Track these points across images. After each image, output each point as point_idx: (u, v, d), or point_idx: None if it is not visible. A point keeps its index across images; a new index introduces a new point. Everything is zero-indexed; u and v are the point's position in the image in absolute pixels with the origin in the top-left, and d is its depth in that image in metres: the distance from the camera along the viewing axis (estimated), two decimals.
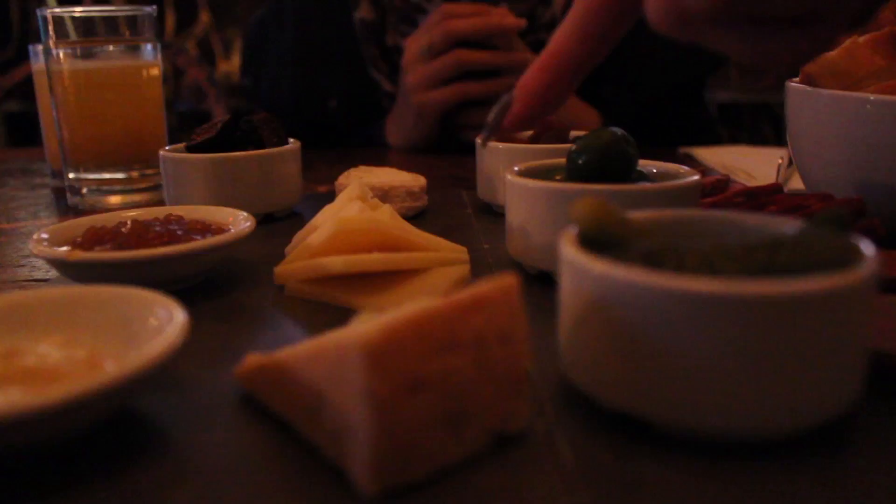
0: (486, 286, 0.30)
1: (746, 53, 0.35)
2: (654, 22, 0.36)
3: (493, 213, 0.72)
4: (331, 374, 0.29)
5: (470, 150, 0.81)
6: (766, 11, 0.32)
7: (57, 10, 0.79)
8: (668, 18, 0.34)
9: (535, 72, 0.42)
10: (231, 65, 3.63)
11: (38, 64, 0.95)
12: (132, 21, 0.83)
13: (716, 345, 0.28)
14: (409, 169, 0.78)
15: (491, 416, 0.30)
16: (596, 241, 0.34)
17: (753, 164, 0.97)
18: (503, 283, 0.30)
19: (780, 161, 0.88)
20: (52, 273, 0.58)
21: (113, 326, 0.37)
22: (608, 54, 0.42)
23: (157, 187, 0.85)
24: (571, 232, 0.35)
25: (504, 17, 1.06)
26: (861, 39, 0.59)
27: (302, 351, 0.31)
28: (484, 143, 0.52)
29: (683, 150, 1.10)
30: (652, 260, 0.32)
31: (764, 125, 3.42)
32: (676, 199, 0.47)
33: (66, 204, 0.85)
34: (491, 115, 0.46)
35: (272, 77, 1.39)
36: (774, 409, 0.29)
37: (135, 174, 0.84)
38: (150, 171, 0.85)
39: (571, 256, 0.32)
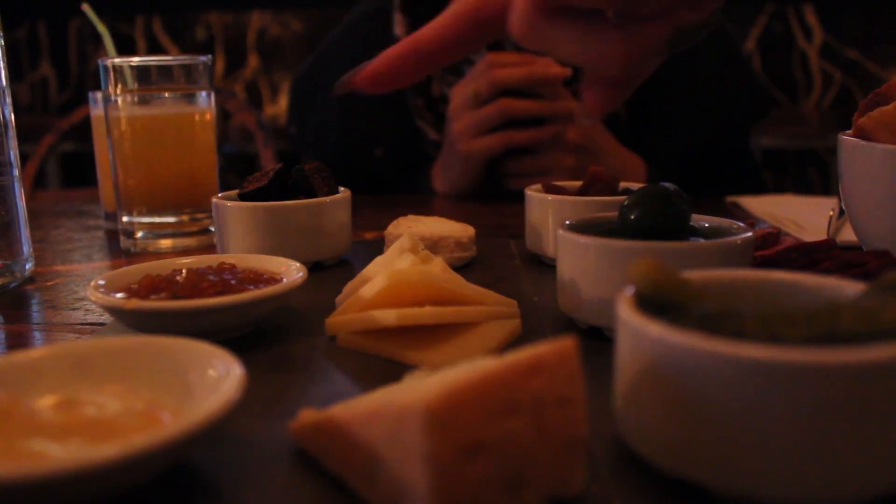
0: (544, 348, 0.30)
1: (583, 55, 0.41)
2: (513, 31, 0.43)
3: (542, 264, 0.72)
4: (389, 434, 0.29)
5: (515, 197, 0.81)
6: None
7: (117, 59, 0.82)
8: (527, 25, 0.42)
9: (398, 47, 0.48)
10: (278, 108, 3.71)
11: (96, 110, 0.98)
12: (187, 69, 0.85)
13: (776, 413, 0.28)
14: (455, 216, 0.79)
15: (548, 480, 0.30)
16: (653, 302, 0.34)
17: (802, 215, 0.95)
18: (562, 345, 0.30)
19: (830, 213, 0.87)
20: (106, 317, 0.59)
21: (170, 378, 0.38)
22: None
23: (206, 231, 0.87)
24: (628, 293, 0.34)
25: (549, 67, 1.07)
26: None
27: (358, 409, 0.31)
28: (339, 90, 0.53)
29: (730, 199, 1.09)
30: (710, 324, 0.32)
31: (809, 171, 3.38)
32: (730, 255, 0.47)
33: (118, 246, 0.87)
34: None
35: (318, 125, 1.41)
36: (833, 479, 0.28)
37: (185, 218, 0.86)
38: (200, 215, 0.86)
39: (629, 318, 0.32)
